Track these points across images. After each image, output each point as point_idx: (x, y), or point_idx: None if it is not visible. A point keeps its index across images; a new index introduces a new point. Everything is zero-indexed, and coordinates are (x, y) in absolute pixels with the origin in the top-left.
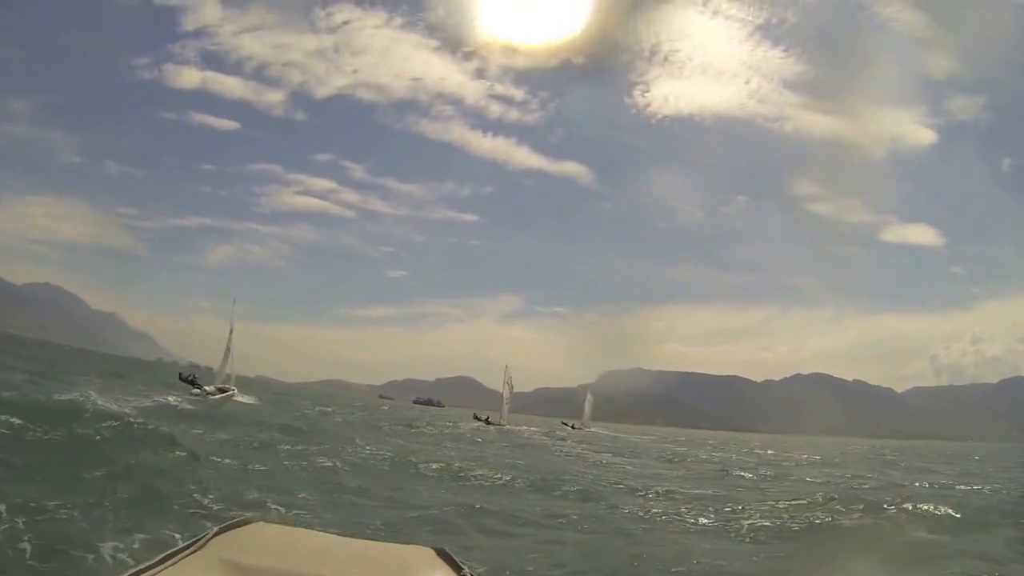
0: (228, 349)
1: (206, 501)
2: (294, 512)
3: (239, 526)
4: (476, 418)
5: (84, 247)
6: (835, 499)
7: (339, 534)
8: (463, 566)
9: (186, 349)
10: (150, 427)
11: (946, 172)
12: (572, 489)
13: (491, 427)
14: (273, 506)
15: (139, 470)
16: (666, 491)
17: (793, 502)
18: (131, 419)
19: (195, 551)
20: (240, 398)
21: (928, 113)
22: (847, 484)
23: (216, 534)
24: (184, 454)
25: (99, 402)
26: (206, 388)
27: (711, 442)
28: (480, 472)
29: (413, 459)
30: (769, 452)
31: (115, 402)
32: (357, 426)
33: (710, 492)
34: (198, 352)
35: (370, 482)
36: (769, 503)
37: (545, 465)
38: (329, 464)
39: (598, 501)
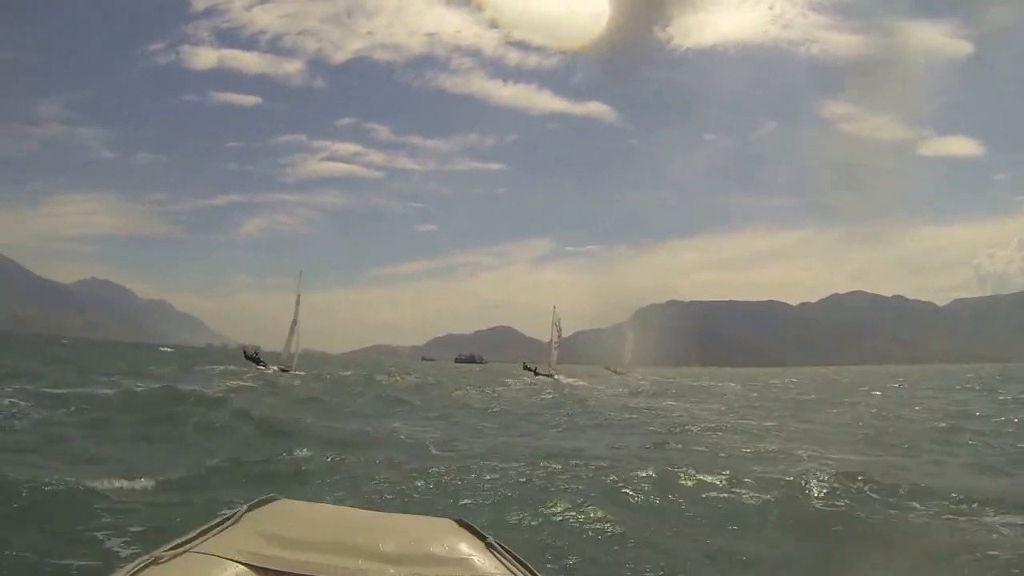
0: (295, 322)
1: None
2: None
3: (267, 503)
4: (526, 368)
5: (121, 238)
6: None
7: (360, 508)
8: (486, 535)
9: (233, 329)
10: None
11: (985, 82)
12: None
13: (542, 377)
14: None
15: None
16: None
17: None
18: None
19: (229, 526)
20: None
21: (963, 24)
22: None
23: (247, 511)
24: None
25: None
26: (270, 367)
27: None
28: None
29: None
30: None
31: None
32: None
33: None
34: (245, 332)
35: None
36: None
37: None
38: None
39: None
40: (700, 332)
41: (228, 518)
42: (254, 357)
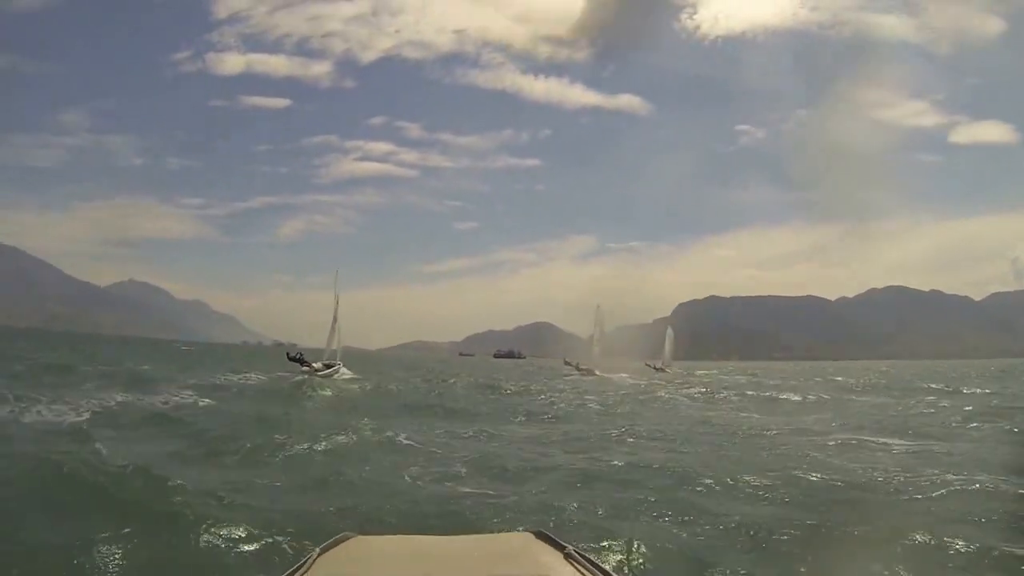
0: (335, 320)
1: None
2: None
3: (340, 543)
4: (567, 363)
5: (158, 242)
6: None
7: (436, 535)
8: (566, 545)
9: (268, 327)
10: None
11: (1018, 62)
12: None
13: (586, 376)
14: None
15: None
16: None
17: None
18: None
19: (301, 574)
20: (345, 373)
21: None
22: None
23: (319, 555)
24: None
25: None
26: (314, 365)
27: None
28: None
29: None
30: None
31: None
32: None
33: None
34: (280, 329)
35: None
36: None
37: None
38: None
39: None
40: (740, 328)
41: (300, 565)
42: (298, 358)
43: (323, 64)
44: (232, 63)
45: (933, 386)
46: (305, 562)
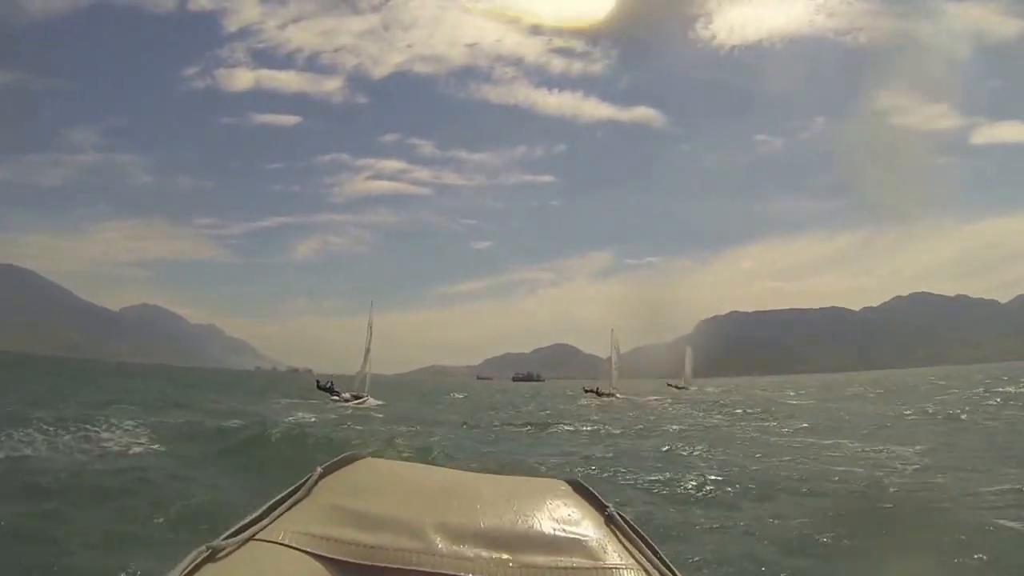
0: (368, 351)
1: None
2: None
3: (347, 464)
4: (586, 391)
5: (172, 263)
6: None
7: (457, 468)
8: (607, 504)
9: (283, 353)
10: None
11: None
12: None
13: (604, 398)
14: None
15: None
16: None
17: None
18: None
19: (300, 497)
20: (373, 403)
21: (1012, 2)
22: None
23: (321, 476)
24: None
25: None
26: (343, 395)
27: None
28: None
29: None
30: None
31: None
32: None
33: None
34: (295, 355)
35: None
36: None
37: None
38: None
39: None
40: (763, 342)
41: (301, 486)
42: (328, 387)
43: (334, 80)
44: (242, 79)
45: None
46: (306, 482)
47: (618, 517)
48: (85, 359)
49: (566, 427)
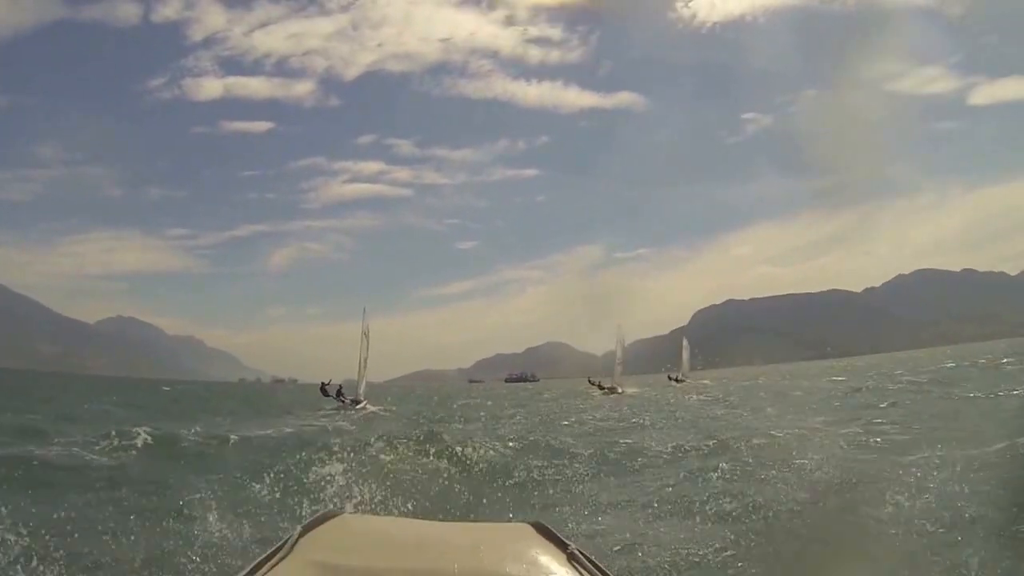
0: (365, 359)
1: None
2: None
3: (324, 521)
4: (591, 383)
5: (146, 275)
6: None
7: (429, 518)
8: (568, 543)
9: (267, 363)
10: None
11: None
12: None
13: (611, 394)
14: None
15: None
16: None
17: None
18: None
19: (282, 556)
20: (371, 407)
21: None
22: None
23: (301, 534)
24: None
25: None
26: (348, 399)
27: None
28: None
29: None
30: None
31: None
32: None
33: None
34: (279, 365)
35: None
36: None
37: None
38: None
39: None
40: (762, 329)
41: (282, 546)
42: (337, 394)
43: (305, 83)
44: (210, 88)
45: None
46: (285, 543)
47: (579, 555)
48: (58, 372)
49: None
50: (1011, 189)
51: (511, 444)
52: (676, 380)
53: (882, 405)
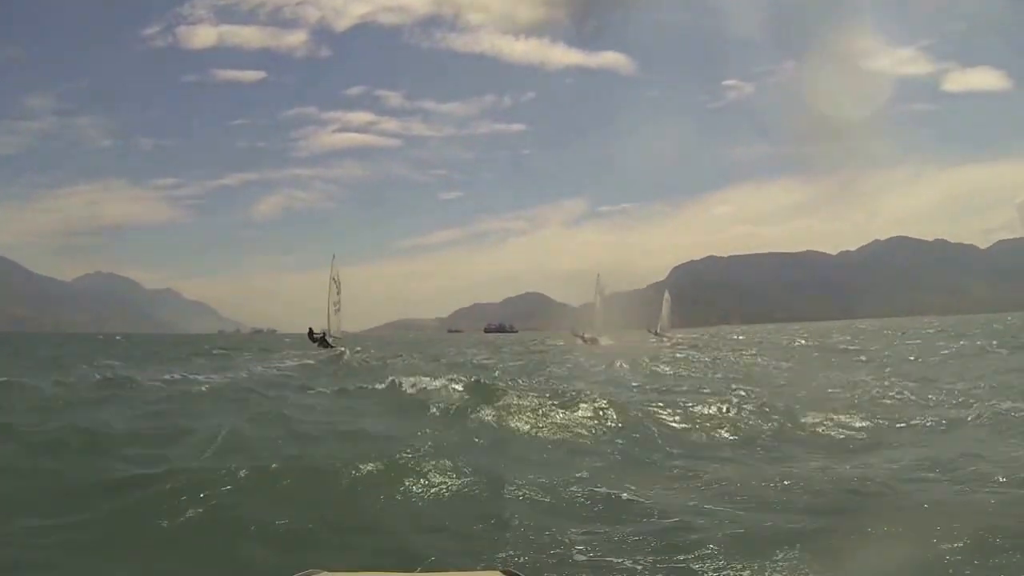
0: (332, 304)
1: None
2: None
3: None
4: (574, 334)
5: (127, 228)
6: None
7: (403, 571)
8: None
9: (246, 314)
10: None
11: (1003, 4)
12: None
13: (590, 345)
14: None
15: None
16: None
17: None
18: None
19: None
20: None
21: None
22: None
23: None
24: None
25: None
26: (331, 343)
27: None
28: None
29: None
30: None
31: None
32: None
33: None
34: (256, 315)
35: None
36: None
37: None
38: None
39: None
40: (740, 288)
41: None
42: (321, 338)
43: (298, 33)
44: (204, 36)
45: None
46: None
47: None
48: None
49: None
50: (983, 170)
51: None
52: (655, 334)
53: None
